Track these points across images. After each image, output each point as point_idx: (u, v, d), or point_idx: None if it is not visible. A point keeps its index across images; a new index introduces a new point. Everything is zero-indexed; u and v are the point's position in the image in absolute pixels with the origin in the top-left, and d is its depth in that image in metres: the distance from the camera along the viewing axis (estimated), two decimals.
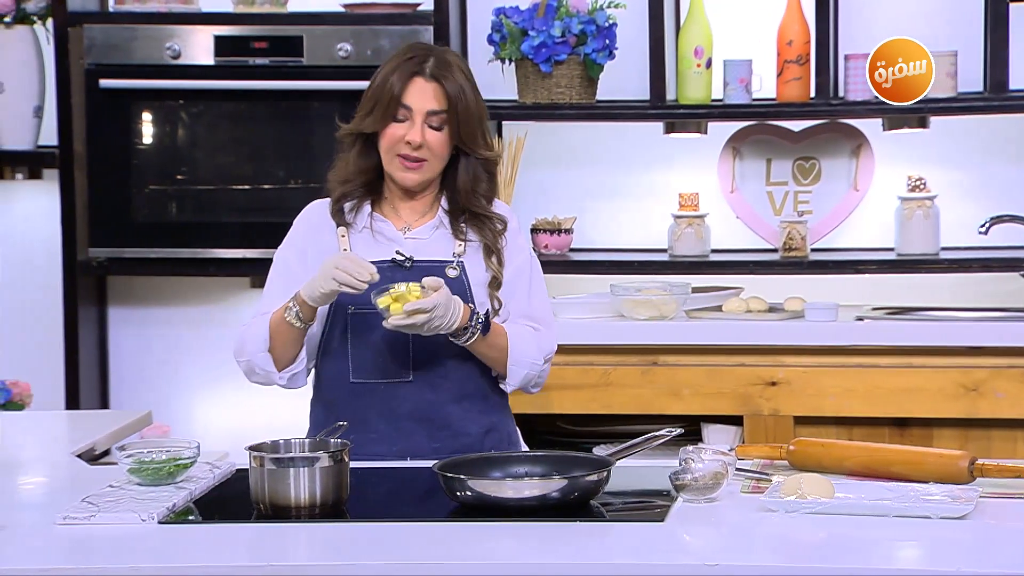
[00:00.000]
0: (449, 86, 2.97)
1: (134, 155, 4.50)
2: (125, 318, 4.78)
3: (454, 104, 2.97)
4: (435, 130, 2.98)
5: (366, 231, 3.04)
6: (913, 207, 4.39)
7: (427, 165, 2.99)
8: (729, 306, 4.28)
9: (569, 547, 2.45)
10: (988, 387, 4.06)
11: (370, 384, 3.00)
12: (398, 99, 2.96)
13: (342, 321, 3.00)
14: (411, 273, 2.98)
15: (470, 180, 3.03)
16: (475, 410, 3.04)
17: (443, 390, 3.01)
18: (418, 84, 2.97)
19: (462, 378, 3.02)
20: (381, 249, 3.02)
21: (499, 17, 4.41)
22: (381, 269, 2.96)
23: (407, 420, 3.00)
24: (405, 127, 2.97)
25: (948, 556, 2.37)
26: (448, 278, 2.98)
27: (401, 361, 2.98)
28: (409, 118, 2.97)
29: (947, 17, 4.49)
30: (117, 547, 2.48)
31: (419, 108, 2.97)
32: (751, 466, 2.87)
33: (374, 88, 3.01)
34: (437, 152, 2.99)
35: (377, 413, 3.00)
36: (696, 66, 4.40)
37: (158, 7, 4.52)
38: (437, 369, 3.00)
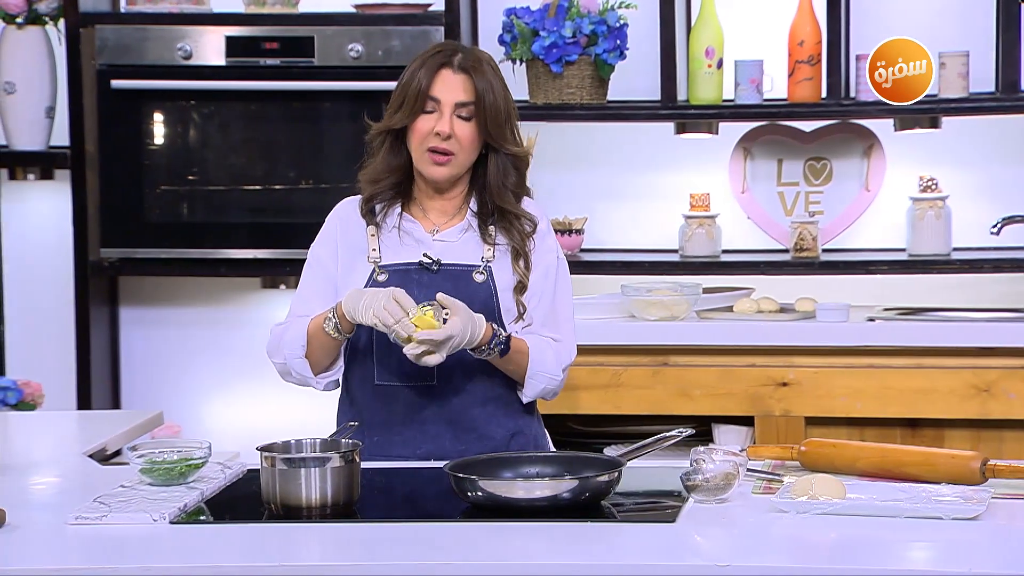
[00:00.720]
0: (477, 78, 2.96)
1: (146, 155, 4.50)
2: (137, 318, 4.79)
3: (482, 96, 2.96)
4: (464, 120, 2.96)
5: (395, 231, 3.03)
6: (925, 207, 4.38)
7: (455, 159, 2.97)
8: (740, 307, 4.28)
9: (580, 548, 2.44)
10: (1000, 388, 4.06)
11: (395, 387, 2.99)
12: (426, 91, 2.95)
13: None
14: (437, 276, 2.98)
15: (500, 176, 3.01)
16: (500, 414, 3.03)
17: (468, 394, 3.00)
18: (446, 76, 2.97)
19: (487, 382, 3.01)
20: (408, 251, 3.01)
21: (510, 17, 4.41)
22: (408, 271, 2.97)
23: (432, 423, 2.99)
24: (434, 119, 2.96)
25: (960, 557, 2.37)
26: (475, 283, 2.97)
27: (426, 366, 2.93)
28: (437, 110, 2.96)
29: (959, 17, 4.49)
30: (129, 547, 2.48)
31: (447, 100, 2.96)
32: (762, 467, 2.86)
33: (402, 84, 3.00)
34: (466, 145, 2.97)
35: (402, 416, 2.99)
36: (707, 66, 4.40)
37: (170, 8, 4.52)
38: (462, 373, 2.98)
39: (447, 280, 2.96)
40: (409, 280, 2.97)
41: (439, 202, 3.05)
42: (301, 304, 3.05)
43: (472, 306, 2.92)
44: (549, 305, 3.05)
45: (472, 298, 2.95)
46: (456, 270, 2.99)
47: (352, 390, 3.06)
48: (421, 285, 2.97)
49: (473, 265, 3.00)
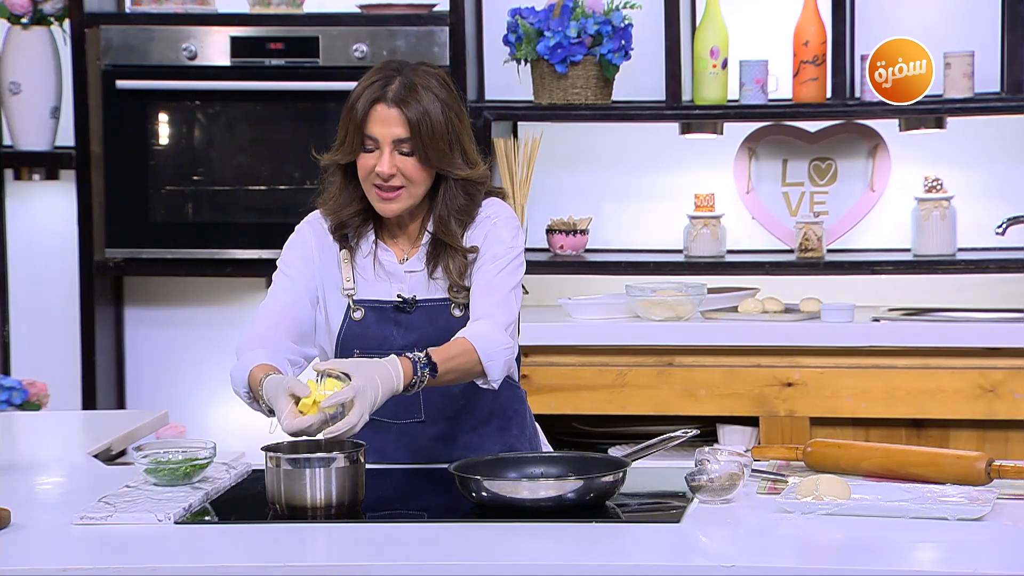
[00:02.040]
0: (410, 112, 2.81)
1: (151, 156, 4.51)
2: (142, 318, 4.79)
3: (416, 129, 2.80)
4: (407, 156, 2.82)
5: (370, 259, 2.92)
6: (930, 208, 4.38)
7: (405, 192, 2.84)
8: (745, 307, 4.27)
9: (585, 548, 2.44)
10: (1005, 388, 4.05)
11: (384, 423, 2.92)
12: (362, 129, 2.84)
13: None
14: (414, 316, 2.89)
15: (446, 205, 2.88)
16: (491, 432, 2.98)
17: (457, 422, 2.94)
18: (380, 112, 2.82)
19: (475, 407, 2.95)
20: (382, 285, 2.91)
21: (515, 18, 4.41)
22: (384, 309, 2.88)
23: (427, 453, 2.94)
24: (375, 156, 2.83)
25: (965, 557, 2.37)
26: (454, 317, 2.89)
27: (411, 402, 2.89)
28: (377, 147, 2.84)
29: (964, 17, 4.48)
30: (134, 547, 2.48)
31: (384, 137, 2.82)
32: (767, 467, 2.86)
33: (345, 113, 2.88)
34: (413, 178, 2.83)
35: (395, 446, 2.95)
36: (712, 67, 4.40)
37: (174, 8, 4.53)
38: (449, 404, 2.93)
39: (424, 318, 2.89)
40: (386, 319, 2.90)
41: (402, 227, 2.93)
42: (266, 316, 2.94)
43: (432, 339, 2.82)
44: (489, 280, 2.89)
45: (451, 333, 2.84)
46: (433, 306, 2.90)
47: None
48: (399, 325, 2.90)
49: (447, 299, 2.90)
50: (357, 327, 2.89)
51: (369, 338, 2.89)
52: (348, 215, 2.92)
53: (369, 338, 2.89)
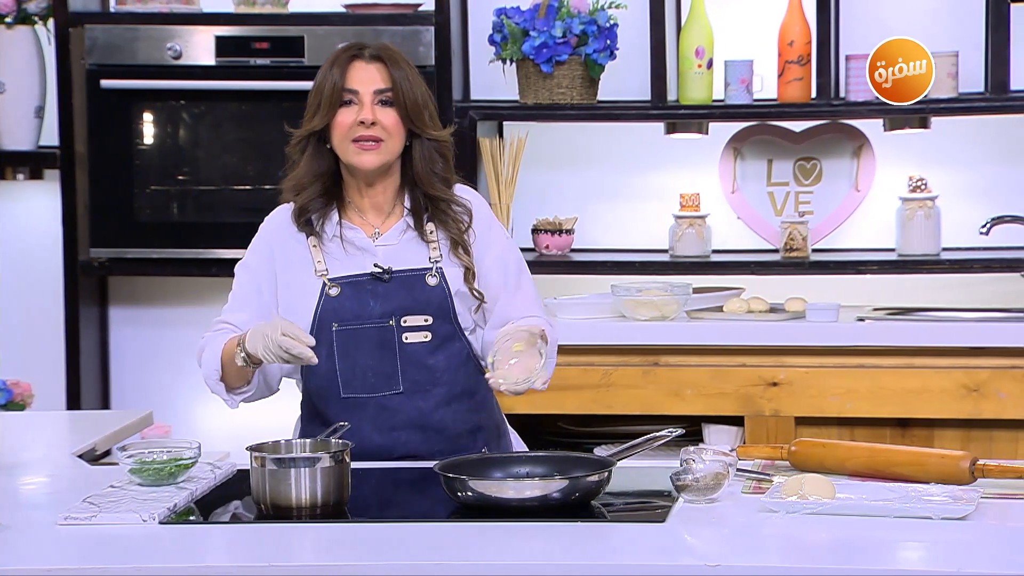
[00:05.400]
0: (391, 65, 2.96)
1: (135, 155, 4.50)
2: (126, 318, 4.78)
3: (399, 83, 2.95)
4: (385, 106, 2.95)
5: (336, 240, 2.99)
6: (914, 208, 4.39)
7: (384, 145, 2.95)
8: (730, 307, 4.28)
9: (570, 547, 2.45)
10: (990, 388, 4.06)
11: (362, 399, 2.97)
12: (341, 85, 2.95)
13: (327, 339, 2.96)
14: (391, 285, 2.96)
15: (426, 163, 2.99)
16: (463, 409, 3.02)
17: (433, 396, 2.98)
18: (359, 67, 2.96)
19: (450, 380, 3.00)
20: (353, 261, 2.98)
21: (500, 17, 4.41)
22: (360, 282, 2.95)
23: (402, 429, 2.98)
24: (354, 110, 2.95)
25: (949, 557, 2.37)
26: (429, 286, 2.96)
27: (390, 373, 2.96)
28: (356, 101, 2.95)
29: (948, 17, 4.49)
30: (118, 547, 2.48)
31: (365, 89, 2.95)
32: (752, 467, 2.86)
33: (316, 86, 2.99)
34: (391, 130, 2.95)
35: (371, 425, 2.98)
36: (697, 66, 4.40)
37: (159, 7, 4.52)
38: (426, 375, 2.98)
39: (401, 287, 2.95)
40: (363, 291, 2.95)
41: (372, 198, 3.01)
42: (229, 314, 3.03)
43: (427, 309, 2.95)
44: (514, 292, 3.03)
45: (427, 302, 2.96)
46: (408, 276, 2.97)
47: (315, 404, 3.02)
48: (376, 296, 2.95)
49: (424, 268, 2.98)
50: (334, 302, 2.95)
51: (346, 311, 2.95)
52: (310, 196, 2.99)
53: (346, 311, 2.95)
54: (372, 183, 3.00)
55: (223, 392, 2.99)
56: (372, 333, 2.95)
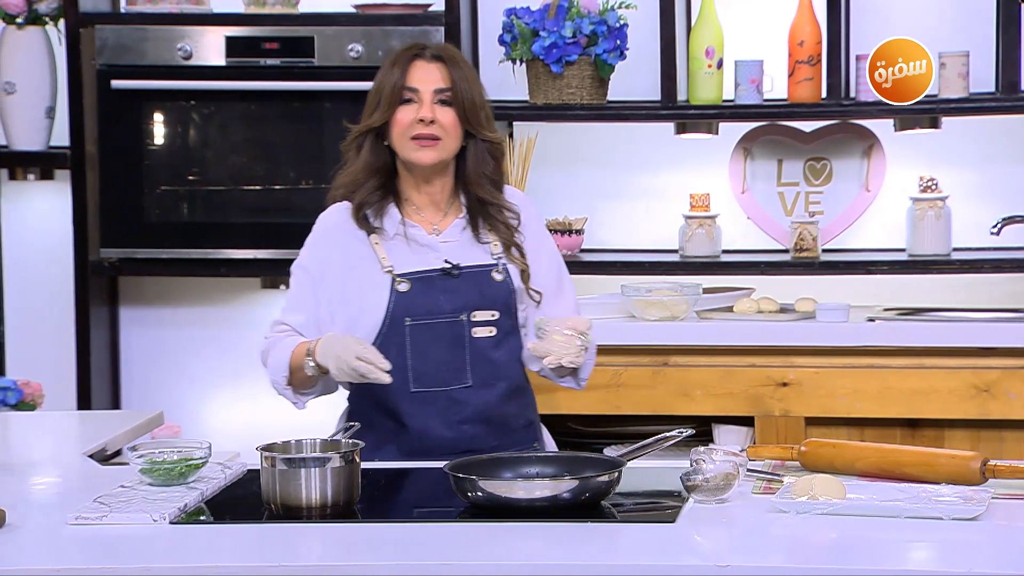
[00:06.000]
0: (451, 66, 3.03)
1: (146, 156, 4.50)
2: (136, 318, 4.79)
3: (457, 83, 3.01)
4: (444, 106, 3.01)
5: (399, 238, 3.04)
6: (925, 208, 4.38)
7: (441, 144, 3.01)
8: (740, 307, 4.28)
9: (580, 548, 2.45)
10: (1000, 388, 4.06)
11: (432, 392, 3.02)
12: (403, 83, 3.00)
13: (399, 334, 3.00)
14: (459, 281, 3.02)
15: (478, 163, 3.05)
16: (519, 405, 3.10)
17: (496, 390, 3.05)
18: (420, 66, 3.03)
19: (509, 375, 3.07)
20: (418, 257, 3.03)
21: (510, 18, 4.41)
22: (430, 278, 3.00)
23: (468, 423, 3.03)
24: (414, 108, 3.01)
25: (960, 557, 2.37)
26: (496, 282, 3.03)
27: (459, 367, 3.01)
28: (417, 99, 3.01)
29: (959, 17, 4.49)
30: (129, 547, 2.48)
31: (425, 88, 3.01)
32: (762, 467, 2.86)
33: (376, 85, 3.05)
34: (449, 129, 3.01)
35: (440, 420, 3.02)
36: (707, 66, 4.40)
37: (170, 8, 4.52)
38: (491, 370, 3.04)
39: (469, 283, 3.01)
40: (432, 287, 3.01)
41: (430, 196, 3.06)
42: (288, 315, 3.08)
43: (494, 305, 3.02)
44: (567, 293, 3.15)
45: (495, 297, 3.03)
46: (475, 272, 3.03)
47: (384, 400, 3.04)
48: (445, 291, 3.02)
49: (490, 264, 3.05)
50: (405, 298, 3.00)
51: (417, 306, 3.00)
52: (369, 188, 3.04)
53: (417, 306, 3.00)
54: (429, 180, 3.05)
55: (290, 395, 3.05)
56: (443, 328, 3.01)
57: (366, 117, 3.04)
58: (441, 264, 3.02)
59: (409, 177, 3.06)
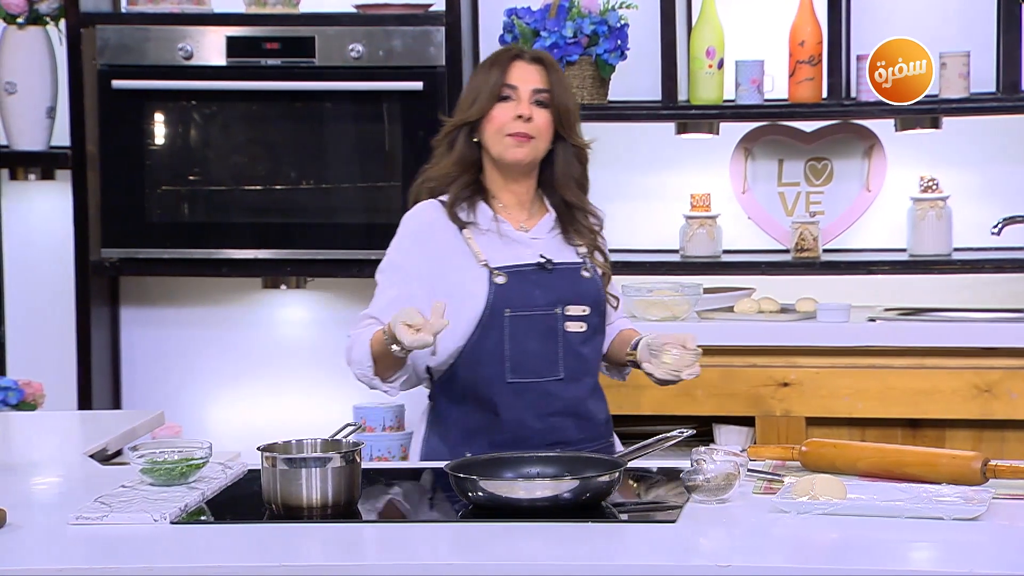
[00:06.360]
0: (550, 69, 3.11)
1: (147, 156, 4.50)
2: (137, 318, 4.79)
3: (555, 85, 3.09)
4: (540, 107, 3.07)
5: (491, 233, 3.08)
6: (926, 208, 4.38)
7: (534, 143, 3.07)
8: (741, 307, 4.28)
9: (581, 548, 2.45)
10: (1002, 388, 4.06)
11: (527, 383, 3.06)
12: (503, 80, 3.06)
13: (499, 325, 3.04)
14: (553, 276, 3.07)
15: (566, 167, 3.13)
16: (599, 399, 3.17)
17: (584, 384, 3.10)
18: (521, 66, 3.10)
19: (593, 371, 3.14)
20: (511, 252, 3.08)
21: (511, 18, 4.41)
22: (524, 272, 3.05)
23: (558, 416, 3.07)
24: (512, 106, 3.07)
25: (961, 557, 2.37)
26: (585, 279, 3.10)
27: (552, 360, 3.06)
28: (515, 97, 3.07)
29: (960, 17, 4.49)
30: (130, 547, 2.48)
31: (524, 87, 3.08)
32: (763, 467, 2.86)
33: (475, 80, 3.11)
34: (543, 130, 3.08)
35: (533, 412, 3.06)
36: (708, 66, 4.40)
37: (170, 8, 4.52)
38: (580, 364, 3.09)
39: (562, 279, 3.08)
40: (527, 281, 3.05)
41: (517, 194, 3.12)
42: (378, 312, 3.06)
43: (585, 300, 3.08)
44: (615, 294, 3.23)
45: (586, 293, 3.10)
46: (567, 269, 3.10)
47: (479, 391, 3.06)
48: (539, 285, 3.06)
49: (579, 263, 3.12)
50: (503, 290, 3.04)
51: (514, 299, 3.05)
52: (462, 183, 3.09)
53: (514, 299, 3.05)
54: (517, 179, 3.11)
55: (380, 384, 3.03)
56: (539, 320, 3.05)
57: (462, 109, 3.10)
58: (534, 259, 3.08)
59: (497, 175, 3.11)
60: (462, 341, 3.03)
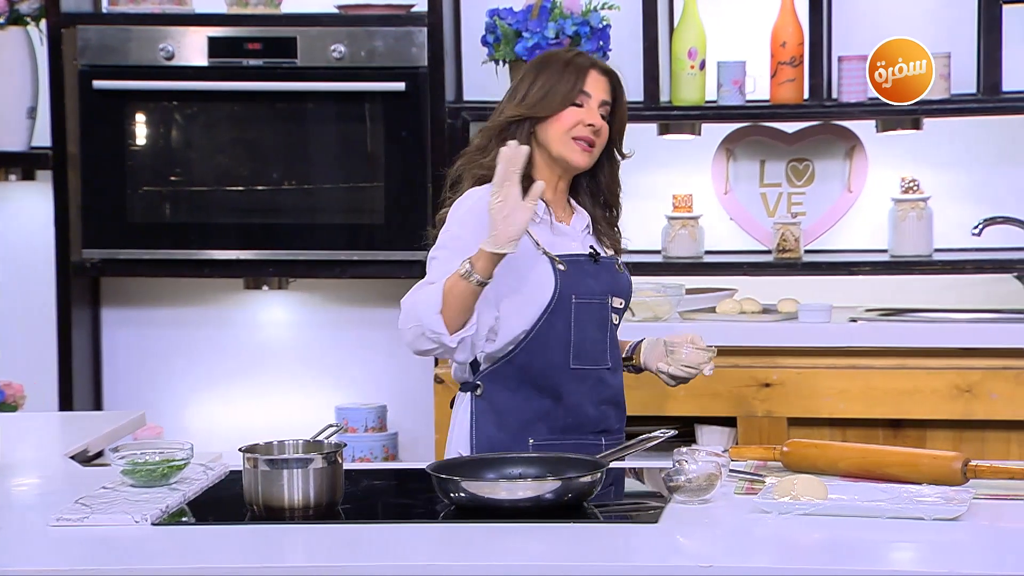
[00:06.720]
0: (616, 84, 3.17)
1: (128, 156, 4.49)
2: (119, 319, 4.78)
3: (619, 99, 3.17)
4: (603, 119, 3.14)
5: (544, 224, 3.12)
6: (907, 209, 4.39)
7: (595, 151, 3.14)
8: (723, 307, 4.28)
9: (563, 548, 2.45)
10: (982, 388, 4.07)
11: (587, 371, 3.10)
12: (581, 87, 3.11)
13: (566, 310, 3.08)
14: (599, 267, 3.13)
15: (612, 177, 3.21)
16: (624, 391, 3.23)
17: (620, 375, 3.19)
18: (595, 75, 3.15)
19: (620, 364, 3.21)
20: (562, 242, 3.12)
21: (493, 18, 4.41)
22: (579, 262, 3.11)
23: (606, 404, 3.13)
24: (582, 112, 3.11)
25: (942, 557, 2.38)
26: (622, 274, 3.19)
27: (604, 348, 3.13)
28: (586, 104, 3.12)
29: (941, 19, 4.50)
30: (111, 548, 2.47)
31: (596, 96, 3.13)
32: (745, 467, 2.87)
33: (544, 79, 3.12)
34: (603, 140, 3.15)
35: (589, 399, 3.10)
36: (690, 67, 4.41)
37: (152, 8, 4.51)
38: (617, 355, 3.18)
39: (606, 271, 3.15)
40: (581, 271, 3.11)
41: (559, 191, 3.18)
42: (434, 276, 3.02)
43: (622, 293, 3.18)
44: None
45: (623, 287, 3.19)
46: (609, 262, 3.17)
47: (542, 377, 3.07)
48: (592, 276, 3.13)
49: (615, 258, 3.21)
50: (566, 278, 3.09)
51: (577, 287, 3.10)
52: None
53: (577, 287, 3.10)
54: (563, 177, 3.17)
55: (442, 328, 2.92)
56: (596, 309, 3.12)
57: (530, 104, 3.11)
58: (583, 251, 3.14)
59: (548, 171, 3.14)
60: (528, 325, 3.06)
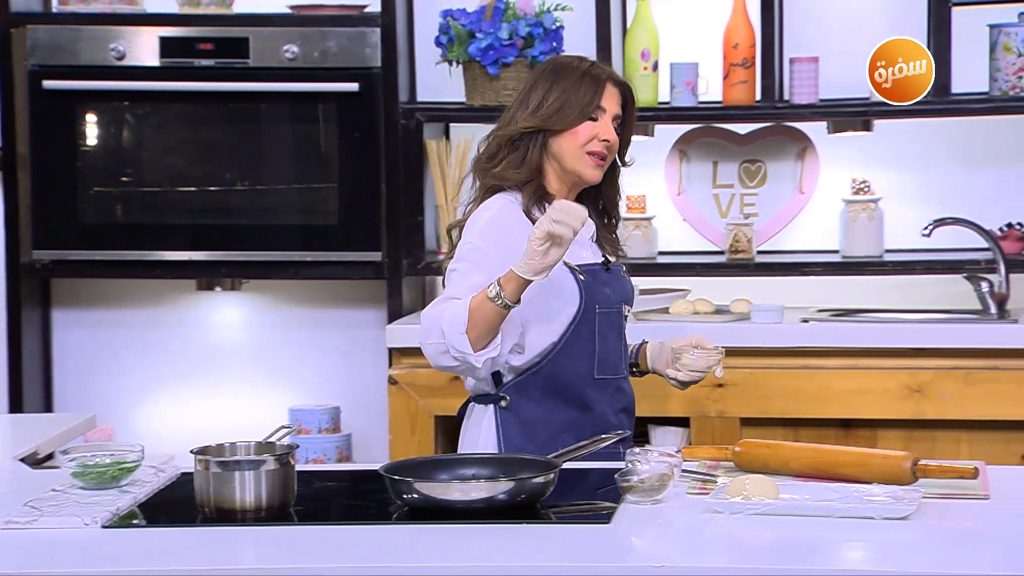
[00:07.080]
0: (628, 96, 3.15)
1: (79, 157, 4.46)
2: (70, 320, 4.75)
3: (630, 113, 3.16)
4: (614, 131, 3.14)
5: None
6: (857, 210, 4.42)
7: (605, 164, 3.14)
8: (676, 308, 4.29)
9: (516, 549, 2.45)
10: (932, 388, 4.09)
11: (608, 380, 3.13)
12: (597, 100, 3.10)
13: (591, 320, 3.08)
14: (610, 275, 3.15)
15: (615, 187, 3.20)
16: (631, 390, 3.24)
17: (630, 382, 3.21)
18: (611, 88, 3.13)
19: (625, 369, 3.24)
20: (575, 252, 3.10)
21: (446, 19, 4.41)
22: (595, 271, 3.13)
23: (622, 412, 3.16)
24: (596, 126, 3.10)
25: (891, 557, 2.39)
26: (627, 280, 3.20)
27: (620, 357, 3.16)
28: (601, 118, 3.11)
29: (890, 21, 4.53)
30: (60, 551, 2.46)
31: (610, 110, 3.13)
32: (697, 467, 2.88)
33: (561, 91, 3.09)
34: (613, 154, 3.15)
35: (610, 407, 3.13)
36: (643, 69, 4.42)
37: (102, 8, 4.49)
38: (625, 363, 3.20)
39: (616, 279, 3.16)
40: (597, 279, 3.12)
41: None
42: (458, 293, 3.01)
43: (630, 301, 3.20)
44: None
45: (630, 293, 3.20)
46: (617, 269, 3.19)
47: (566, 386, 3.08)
48: (607, 285, 3.14)
49: (621, 265, 3.23)
50: (588, 288, 3.10)
51: (599, 296, 3.11)
52: (535, 187, 3.13)
53: (599, 296, 3.11)
54: (573, 189, 3.16)
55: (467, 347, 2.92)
56: (614, 318, 3.14)
57: (544, 116, 3.08)
58: (595, 260, 3.14)
59: (559, 183, 3.13)
60: (556, 337, 3.06)
